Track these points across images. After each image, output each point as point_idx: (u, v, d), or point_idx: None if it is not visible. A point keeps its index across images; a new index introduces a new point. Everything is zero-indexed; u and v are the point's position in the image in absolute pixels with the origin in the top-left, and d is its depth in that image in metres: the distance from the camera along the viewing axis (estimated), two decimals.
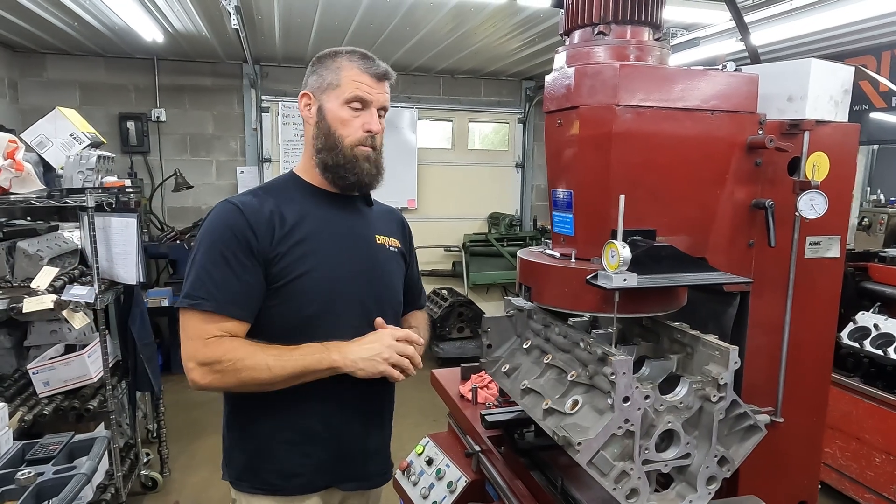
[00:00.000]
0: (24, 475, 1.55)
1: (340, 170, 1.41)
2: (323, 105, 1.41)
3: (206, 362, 1.27)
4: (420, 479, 1.89)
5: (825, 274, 1.48)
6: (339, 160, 1.40)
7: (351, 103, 1.39)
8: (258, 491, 1.43)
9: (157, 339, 4.59)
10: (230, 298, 1.29)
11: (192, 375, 1.29)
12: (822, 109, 1.39)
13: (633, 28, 1.27)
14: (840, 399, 3.15)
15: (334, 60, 1.41)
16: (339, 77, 1.39)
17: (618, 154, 1.24)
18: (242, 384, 1.29)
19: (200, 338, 1.27)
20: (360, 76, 1.39)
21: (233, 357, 1.27)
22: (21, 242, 2.72)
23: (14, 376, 2.85)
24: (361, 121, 1.40)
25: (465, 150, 6.72)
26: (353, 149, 1.40)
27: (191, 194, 5.68)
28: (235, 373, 1.27)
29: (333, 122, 1.40)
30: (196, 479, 3.50)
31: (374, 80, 1.40)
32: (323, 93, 1.41)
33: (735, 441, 1.18)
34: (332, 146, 1.40)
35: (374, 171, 1.44)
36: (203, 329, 1.28)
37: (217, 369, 1.26)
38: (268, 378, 1.28)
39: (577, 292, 1.25)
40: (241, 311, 1.31)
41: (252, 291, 1.33)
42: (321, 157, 1.42)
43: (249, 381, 1.28)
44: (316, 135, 1.42)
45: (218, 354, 1.26)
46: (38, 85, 5.32)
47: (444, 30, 4.45)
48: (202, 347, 1.27)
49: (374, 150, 1.43)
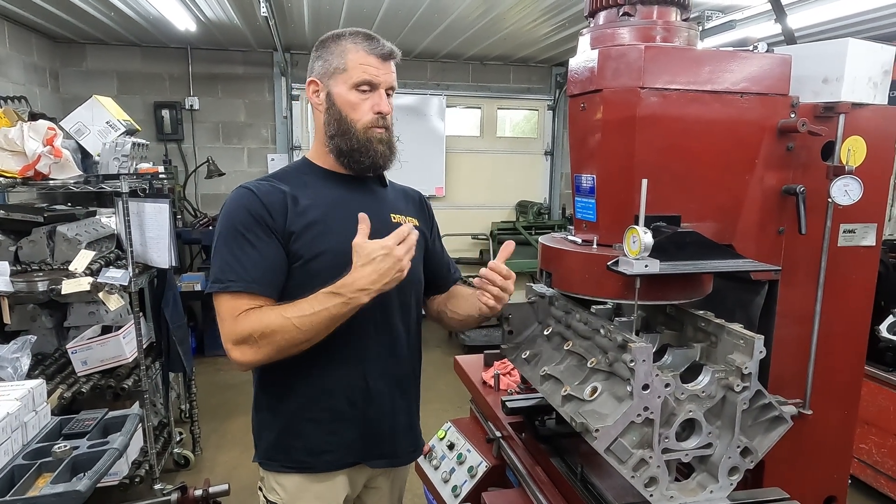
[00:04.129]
0: (60, 448, 1.61)
1: (356, 153, 1.41)
2: (331, 90, 1.41)
3: (240, 339, 1.28)
4: (441, 463, 1.91)
5: (860, 263, 1.43)
6: (353, 144, 1.40)
7: (359, 87, 1.38)
8: (288, 469, 1.46)
9: (190, 323, 4.73)
10: (256, 276, 1.31)
11: (233, 356, 1.30)
12: (860, 91, 1.34)
13: (659, 8, 1.24)
14: (878, 394, 3.05)
15: (338, 44, 1.41)
16: (344, 61, 1.39)
17: (642, 138, 1.22)
18: (280, 350, 1.28)
19: (232, 318, 1.30)
20: (366, 58, 1.38)
21: (261, 326, 1.27)
22: (61, 227, 2.81)
23: (55, 355, 2.97)
24: (371, 103, 1.39)
25: (494, 138, 6.68)
26: (366, 132, 1.40)
27: (223, 181, 5.78)
28: (270, 341, 1.27)
29: (344, 106, 1.40)
30: (226, 459, 3.60)
31: (380, 60, 1.39)
32: (330, 78, 1.41)
33: (759, 432, 1.16)
34: (346, 131, 1.40)
35: (387, 152, 1.44)
36: (233, 309, 1.30)
37: (251, 343, 1.27)
38: (301, 336, 1.26)
39: (598, 279, 1.23)
40: (267, 287, 1.33)
41: (276, 267, 1.34)
42: (335, 143, 1.42)
43: (285, 344, 1.27)
44: (327, 121, 1.42)
45: (248, 329, 1.27)
46: (77, 74, 5.47)
47: (473, 15, 4.41)
48: (234, 326, 1.29)
49: (386, 130, 1.43)
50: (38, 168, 2.50)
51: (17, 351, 2.28)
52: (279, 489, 1.47)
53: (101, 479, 1.55)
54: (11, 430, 1.65)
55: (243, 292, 1.31)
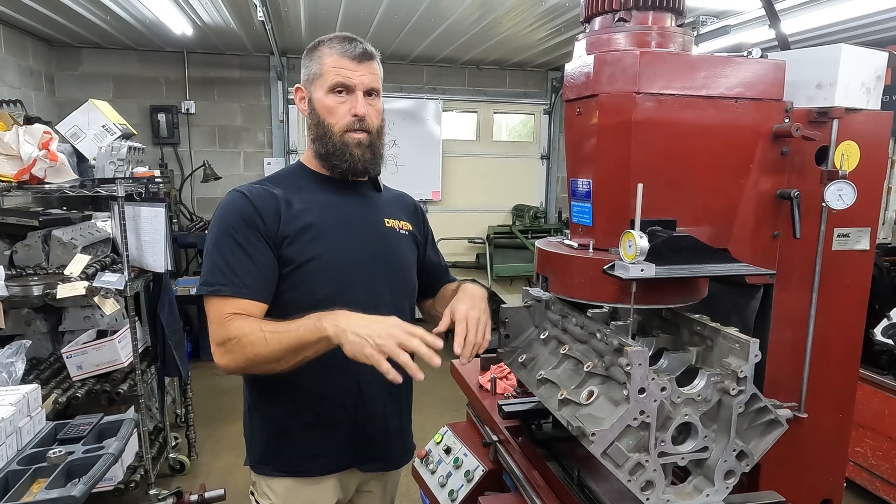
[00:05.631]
0: (55, 453, 1.60)
1: (332, 157, 1.42)
2: (311, 96, 1.43)
3: (221, 342, 1.28)
4: (438, 467, 1.90)
5: (854, 267, 1.43)
6: (329, 148, 1.42)
7: (334, 90, 1.39)
8: (279, 473, 1.46)
9: (186, 327, 4.71)
10: (245, 281, 1.32)
11: (215, 358, 1.30)
12: (853, 97, 1.35)
13: (654, 14, 1.24)
14: (873, 397, 3.06)
15: (317, 50, 1.43)
16: (321, 66, 1.40)
17: (638, 143, 1.22)
18: (250, 361, 1.26)
19: (218, 321, 1.30)
20: (339, 61, 1.39)
21: (239, 334, 1.26)
22: (56, 231, 2.81)
23: (49, 360, 2.96)
24: (347, 106, 1.40)
25: (490, 142, 6.69)
26: (342, 135, 1.41)
27: (219, 185, 5.77)
28: (242, 349, 1.25)
29: (322, 111, 1.41)
30: (222, 464, 3.58)
31: (354, 62, 1.39)
32: (311, 84, 1.43)
33: (755, 435, 1.16)
34: (323, 135, 1.42)
35: (368, 156, 1.44)
36: (221, 312, 1.30)
37: (229, 348, 1.27)
38: (267, 352, 1.23)
39: (594, 282, 1.23)
40: (256, 292, 1.33)
41: (266, 272, 1.35)
42: (315, 147, 1.45)
43: (254, 356, 1.25)
44: (309, 125, 1.45)
45: (229, 333, 1.27)
46: (73, 78, 5.46)
47: (469, 20, 4.42)
48: (218, 329, 1.29)
49: (367, 133, 1.43)
50: (33, 172, 2.50)
51: (12, 355, 2.27)
52: (270, 493, 1.47)
53: (96, 484, 1.54)
54: (6, 436, 1.65)
55: (232, 296, 1.31)
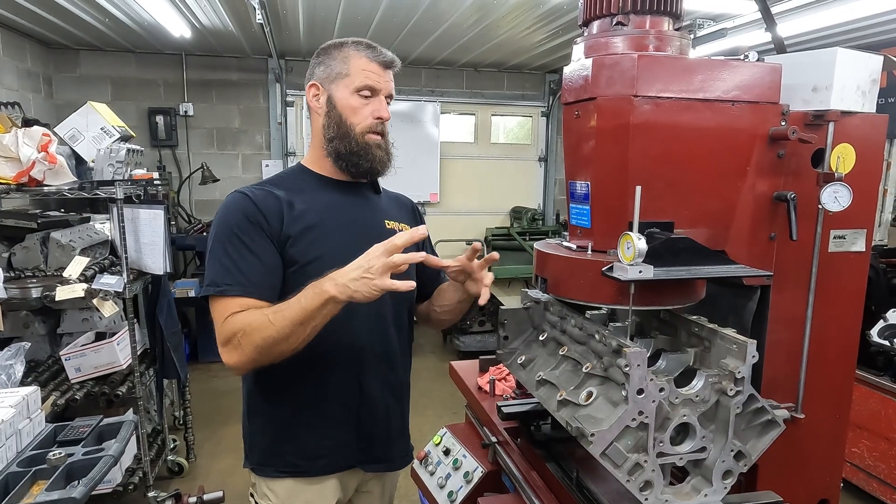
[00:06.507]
0: (54, 455, 1.60)
1: (354, 157, 1.43)
2: (332, 94, 1.43)
3: (227, 339, 1.28)
4: (437, 468, 1.91)
5: (850, 268, 1.45)
6: (352, 147, 1.42)
7: (361, 91, 1.41)
8: (281, 474, 1.46)
9: (184, 329, 4.70)
10: (254, 280, 1.31)
11: (223, 358, 1.29)
12: (849, 100, 1.36)
13: (652, 18, 1.25)
14: (869, 398, 3.08)
15: (341, 51, 1.44)
16: (347, 66, 1.41)
17: (636, 146, 1.23)
18: (259, 349, 1.24)
19: (223, 320, 1.30)
20: (368, 65, 1.41)
21: (243, 324, 1.25)
22: (54, 233, 2.80)
23: (48, 362, 2.95)
24: (371, 108, 1.42)
25: (488, 144, 6.71)
26: (364, 136, 1.42)
27: (217, 187, 5.77)
28: (249, 338, 1.24)
29: (344, 110, 1.42)
30: (220, 466, 3.58)
31: (381, 68, 1.43)
32: (332, 82, 1.43)
33: (753, 436, 1.17)
34: (345, 134, 1.42)
35: (385, 158, 1.47)
36: (226, 312, 1.30)
37: (235, 343, 1.26)
38: (275, 332, 1.22)
39: (592, 284, 1.24)
40: (265, 291, 1.33)
41: (274, 271, 1.35)
42: (333, 146, 1.44)
43: (262, 342, 1.23)
44: (327, 124, 1.44)
45: (234, 327, 1.26)
46: (71, 80, 5.46)
47: (467, 23, 4.44)
48: (223, 328, 1.29)
49: (382, 136, 1.46)
50: (32, 174, 2.50)
51: (11, 358, 2.27)
52: (270, 494, 1.47)
53: (96, 486, 1.55)
54: (6, 438, 1.65)
55: (241, 296, 1.30)
